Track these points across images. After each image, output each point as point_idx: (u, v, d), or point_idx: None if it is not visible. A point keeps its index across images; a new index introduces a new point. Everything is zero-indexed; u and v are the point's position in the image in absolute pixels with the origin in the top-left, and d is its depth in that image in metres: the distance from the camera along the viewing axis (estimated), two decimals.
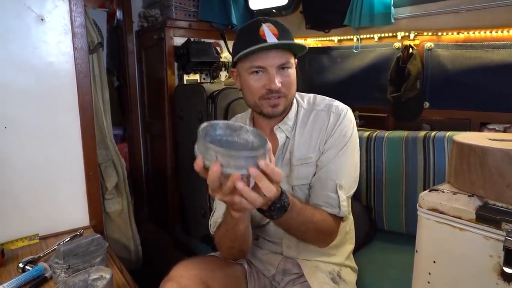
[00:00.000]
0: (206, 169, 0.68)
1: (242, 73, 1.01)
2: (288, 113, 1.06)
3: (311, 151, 1.04)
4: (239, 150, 0.73)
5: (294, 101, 1.09)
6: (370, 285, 1.21)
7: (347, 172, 1.02)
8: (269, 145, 0.70)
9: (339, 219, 1.02)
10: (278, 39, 0.92)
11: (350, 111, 1.06)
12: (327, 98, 1.11)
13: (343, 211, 0.99)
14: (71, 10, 1.39)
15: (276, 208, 0.81)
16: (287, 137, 1.05)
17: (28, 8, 1.31)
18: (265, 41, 0.91)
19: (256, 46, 0.90)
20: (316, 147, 1.03)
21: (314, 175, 1.04)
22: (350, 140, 1.03)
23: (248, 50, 0.91)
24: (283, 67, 0.96)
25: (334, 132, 1.02)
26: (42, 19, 1.34)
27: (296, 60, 1.04)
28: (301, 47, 0.97)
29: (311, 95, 1.13)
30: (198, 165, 0.68)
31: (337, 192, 0.99)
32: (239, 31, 1.02)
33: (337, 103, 1.08)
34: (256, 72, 0.96)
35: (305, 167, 1.04)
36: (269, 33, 0.92)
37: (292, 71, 0.99)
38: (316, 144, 1.03)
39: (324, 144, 1.03)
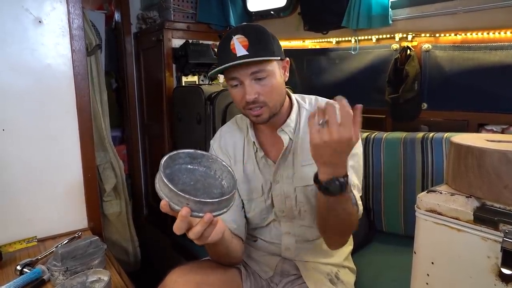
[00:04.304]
0: (172, 209, 0.70)
1: (228, 87, 1.02)
2: (289, 114, 1.07)
3: None
4: (214, 185, 0.79)
5: (295, 102, 1.09)
6: (368, 286, 1.21)
7: (357, 173, 1.04)
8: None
9: None
10: (248, 50, 0.92)
11: None
12: (326, 99, 1.11)
13: (360, 209, 1.01)
14: (69, 12, 1.39)
15: (336, 184, 0.79)
16: (290, 138, 1.06)
17: (26, 11, 1.31)
18: (235, 55, 0.92)
19: (221, 67, 0.95)
20: None
21: None
22: (357, 144, 1.04)
23: (214, 70, 0.97)
24: (259, 77, 0.95)
25: None
26: (40, 22, 1.34)
27: (287, 59, 1.04)
28: (264, 60, 0.94)
29: (313, 96, 1.13)
30: (163, 208, 0.70)
31: (352, 191, 1.00)
32: (218, 44, 1.02)
33: None
34: (236, 85, 0.98)
35: (310, 168, 1.04)
36: (238, 45, 0.93)
37: (271, 79, 0.96)
38: None
39: None
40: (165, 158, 0.74)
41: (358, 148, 1.04)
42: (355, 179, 1.01)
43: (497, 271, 0.64)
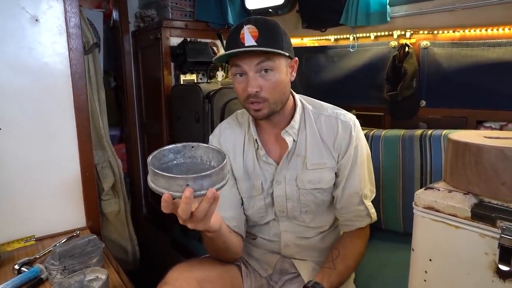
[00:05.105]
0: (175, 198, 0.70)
1: (231, 76, 1.01)
2: (293, 115, 1.06)
3: (325, 156, 1.04)
4: (205, 169, 0.77)
5: (299, 103, 1.08)
6: (367, 283, 1.21)
7: (368, 180, 1.07)
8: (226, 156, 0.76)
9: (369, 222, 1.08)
10: (257, 41, 0.91)
11: (356, 120, 1.08)
12: (329, 104, 1.12)
13: (373, 217, 1.07)
14: (65, 11, 1.38)
15: None
16: (294, 140, 1.05)
17: (22, 9, 1.30)
18: (243, 44, 0.91)
19: (227, 52, 0.93)
20: (329, 154, 1.04)
21: (335, 185, 1.06)
22: (365, 149, 1.07)
23: (219, 55, 0.96)
24: (264, 68, 0.93)
25: (349, 147, 1.03)
26: (36, 20, 1.33)
27: (296, 58, 1.03)
28: (273, 51, 0.92)
29: (315, 100, 1.13)
30: (167, 201, 0.69)
31: (364, 203, 1.05)
32: (229, 33, 1.01)
33: (343, 111, 1.09)
34: (240, 74, 0.96)
35: (319, 172, 1.04)
36: (248, 35, 0.91)
37: (276, 74, 0.95)
38: (328, 151, 1.04)
39: (342, 158, 1.04)
40: (150, 157, 0.75)
41: (366, 158, 1.07)
42: (365, 190, 1.06)
43: (495, 267, 0.64)
